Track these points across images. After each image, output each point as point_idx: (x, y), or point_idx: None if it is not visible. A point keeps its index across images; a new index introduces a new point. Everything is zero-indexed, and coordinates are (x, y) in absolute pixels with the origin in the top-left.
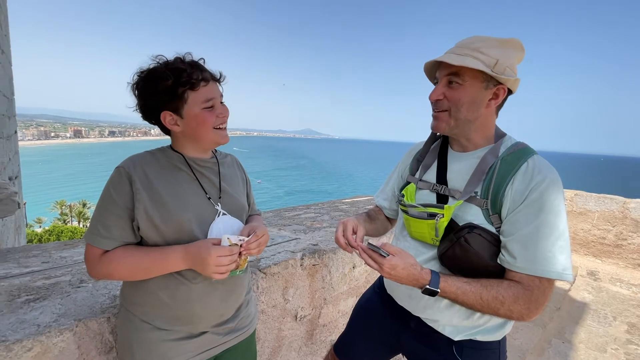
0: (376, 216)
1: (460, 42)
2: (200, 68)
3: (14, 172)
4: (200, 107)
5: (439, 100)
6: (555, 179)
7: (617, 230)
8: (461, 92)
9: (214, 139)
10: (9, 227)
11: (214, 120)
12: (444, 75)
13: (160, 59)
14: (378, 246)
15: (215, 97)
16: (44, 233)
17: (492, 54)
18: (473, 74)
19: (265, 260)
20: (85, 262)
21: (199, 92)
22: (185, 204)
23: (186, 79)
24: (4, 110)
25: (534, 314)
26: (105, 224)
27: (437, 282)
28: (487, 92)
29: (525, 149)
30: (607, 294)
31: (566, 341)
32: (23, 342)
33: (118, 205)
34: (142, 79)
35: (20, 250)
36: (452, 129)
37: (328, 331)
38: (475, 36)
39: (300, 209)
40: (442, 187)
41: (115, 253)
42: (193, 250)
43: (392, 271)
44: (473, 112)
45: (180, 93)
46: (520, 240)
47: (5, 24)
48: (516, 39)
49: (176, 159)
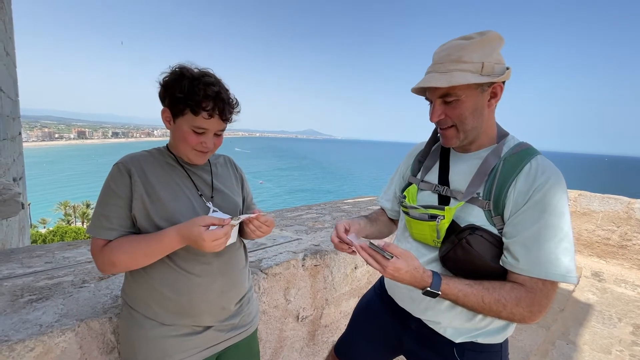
0: (377, 218)
1: (438, 57)
2: (217, 102)
3: (19, 173)
4: (189, 127)
5: (441, 119)
6: (559, 180)
7: (621, 230)
8: (461, 107)
9: (189, 157)
10: (13, 228)
11: (196, 143)
12: (438, 96)
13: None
14: (381, 247)
15: (208, 130)
16: (48, 233)
17: (475, 59)
18: (465, 85)
19: (267, 260)
20: (92, 256)
21: (197, 117)
22: (177, 199)
23: (193, 103)
24: (9, 112)
25: (537, 317)
26: (107, 216)
27: (439, 284)
28: (484, 95)
29: (529, 149)
30: (612, 295)
31: (570, 342)
32: (25, 342)
33: (119, 197)
34: (169, 74)
35: (24, 250)
36: (462, 141)
37: (330, 332)
38: (450, 45)
39: (302, 210)
40: (444, 188)
41: (116, 241)
42: (187, 234)
43: (396, 273)
44: (478, 118)
45: (181, 107)
46: (523, 242)
47: (9, 26)
48: (492, 31)
49: (170, 158)
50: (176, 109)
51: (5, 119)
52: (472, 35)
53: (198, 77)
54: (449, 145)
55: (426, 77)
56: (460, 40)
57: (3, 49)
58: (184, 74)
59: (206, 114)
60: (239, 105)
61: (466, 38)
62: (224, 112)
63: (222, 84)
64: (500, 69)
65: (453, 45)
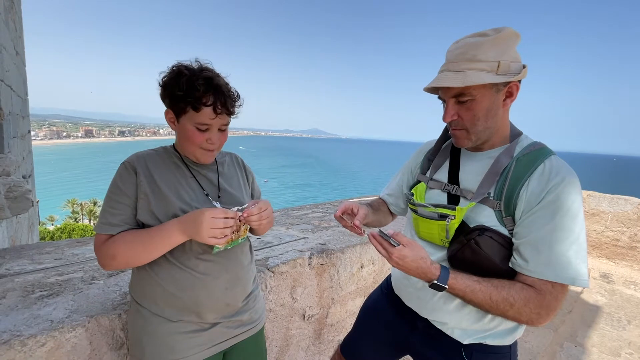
0: (379, 208)
1: (452, 55)
2: (217, 95)
3: (28, 171)
4: (193, 124)
5: (454, 120)
6: (574, 181)
7: (631, 231)
8: (475, 107)
9: (196, 156)
10: (23, 225)
11: (202, 141)
12: (451, 96)
13: (194, 65)
14: (389, 235)
15: (211, 125)
16: (56, 231)
17: (490, 57)
18: (480, 85)
19: (274, 259)
20: (94, 251)
21: (199, 114)
22: (182, 198)
23: (193, 100)
24: (18, 110)
25: (545, 320)
26: (111, 213)
27: (447, 278)
28: (499, 95)
29: (543, 149)
30: (621, 297)
31: (578, 345)
32: (37, 337)
33: (125, 194)
34: (167, 73)
35: (34, 247)
36: (475, 142)
37: (336, 331)
38: (464, 43)
39: (307, 208)
40: (453, 187)
41: (117, 235)
42: (187, 217)
43: (401, 261)
44: (491, 119)
45: (182, 105)
46: (533, 243)
47: (19, 25)
48: (507, 28)
49: (176, 158)
50: (178, 108)
51: (15, 117)
52: (487, 32)
53: (196, 72)
54: (460, 146)
55: (439, 76)
56: (474, 37)
57: (13, 48)
58: (182, 71)
59: (208, 109)
60: (241, 98)
61: (481, 35)
62: (225, 105)
63: (221, 78)
64: (516, 67)
65: (467, 43)
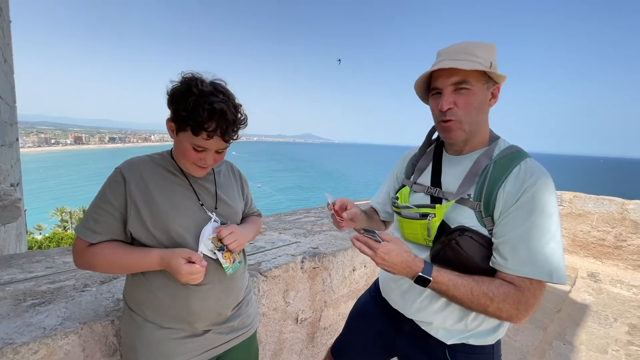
0: (372, 215)
1: (452, 50)
2: (220, 123)
3: (16, 179)
4: (190, 143)
5: (450, 109)
6: (547, 182)
7: (616, 231)
8: (471, 97)
9: (188, 170)
10: (11, 234)
11: (196, 159)
12: (450, 83)
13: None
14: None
15: (208, 149)
16: (44, 240)
17: (485, 57)
18: (477, 77)
19: (266, 263)
20: (72, 252)
21: (197, 137)
22: (176, 209)
23: (194, 124)
24: (6, 118)
25: (523, 316)
26: (95, 219)
27: (430, 270)
28: (488, 93)
29: (519, 152)
30: (608, 295)
31: (567, 343)
32: (30, 344)
33: (111, 204)
34: (177, 84)
35: (24, 256)
36: (467, 134)
37: (329, 334)
38: (462, 43)
39: (300, 213)
40: (436, 189)
41: (99, 246)
42: (166, 259)
43: (387, 256)
44: (480, 114)
45: (183, 125)
46: (511, 242)
47: (7, 32)
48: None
49: (172, 166)
50: (179, 124)
51: (3, 125)
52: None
53: (205, 94)
54: (452, 140)
55: (442, 62)
56: (470, 42)
57: (1, 55)
58: (191, 89)
59: (206, 135)
60: (247, 120)
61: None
62: (226, 132)
63: (232, 101)
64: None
65: (465, 44)
